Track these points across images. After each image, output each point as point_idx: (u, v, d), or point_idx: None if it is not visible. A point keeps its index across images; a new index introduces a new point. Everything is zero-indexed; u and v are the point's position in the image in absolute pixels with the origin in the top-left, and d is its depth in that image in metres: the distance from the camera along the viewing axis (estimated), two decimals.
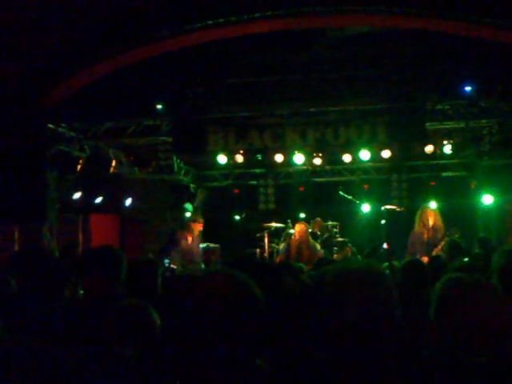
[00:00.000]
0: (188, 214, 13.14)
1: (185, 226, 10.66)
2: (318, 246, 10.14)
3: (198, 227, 10.48)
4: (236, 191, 14.24)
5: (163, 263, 9.71)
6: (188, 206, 13.95)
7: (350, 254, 10.96)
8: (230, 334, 2.12)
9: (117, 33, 8.73)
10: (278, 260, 10.19)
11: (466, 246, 8.20)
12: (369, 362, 1.91)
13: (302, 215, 12.88)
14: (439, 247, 8.72)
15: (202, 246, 12.11)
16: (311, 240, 10.11)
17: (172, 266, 9.72)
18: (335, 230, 11.99)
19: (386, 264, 6.87)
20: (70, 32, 8.28)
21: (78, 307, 3.33)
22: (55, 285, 3.51)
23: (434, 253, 8.56)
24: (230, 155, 11.88)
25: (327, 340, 2.03)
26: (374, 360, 1.91)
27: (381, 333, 1.96)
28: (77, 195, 11.24)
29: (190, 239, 10.29)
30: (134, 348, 2.32)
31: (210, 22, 8.81)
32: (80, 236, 12.28)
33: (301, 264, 8.49)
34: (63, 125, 11.08)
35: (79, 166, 11.23)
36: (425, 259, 7.77)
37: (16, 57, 8.48)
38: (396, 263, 7.13)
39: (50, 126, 10.60)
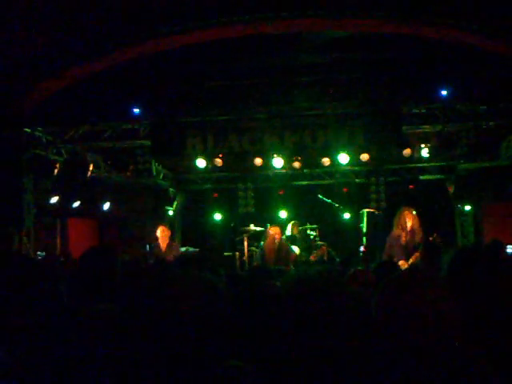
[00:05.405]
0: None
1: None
2: (295, 248, 10.15)
3: (166, 233, 10.15)
4: (215, 195, 14.22)
5: (146, 250, 9.65)
6: (169, 209, 13.87)
7: (325, 254, 11.00)
8: (198, 332, 2.14)
9: (93, 37, 8.68)
10: (255, 265, 10.15)
11: (445, 249, 8.18)
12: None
13: (281, 216, 12.97)
14: (418, 253, 8.70)
15: (181, 249, 12.03)
16: (285, 242, 10.13)
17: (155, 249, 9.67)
18: (314, 233, 12.00)
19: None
20: (44, 36, 8.21)
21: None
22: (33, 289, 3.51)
23: (412, 259, 8.54)
24: (209, 159, 11.82)
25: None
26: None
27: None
28: (54, 199, 11.14)
29: (163, 246, 10.03)
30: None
31: (188, 25, 8.82)
32: (58, 241, 12.15)
33: (280, 266, 8.54)
34: (40, 129, 10.97)
35: (56, 170, 11.13)
36: (401, 263, 7.79)
37: None
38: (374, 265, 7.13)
39: (26, 130, 10.50)
